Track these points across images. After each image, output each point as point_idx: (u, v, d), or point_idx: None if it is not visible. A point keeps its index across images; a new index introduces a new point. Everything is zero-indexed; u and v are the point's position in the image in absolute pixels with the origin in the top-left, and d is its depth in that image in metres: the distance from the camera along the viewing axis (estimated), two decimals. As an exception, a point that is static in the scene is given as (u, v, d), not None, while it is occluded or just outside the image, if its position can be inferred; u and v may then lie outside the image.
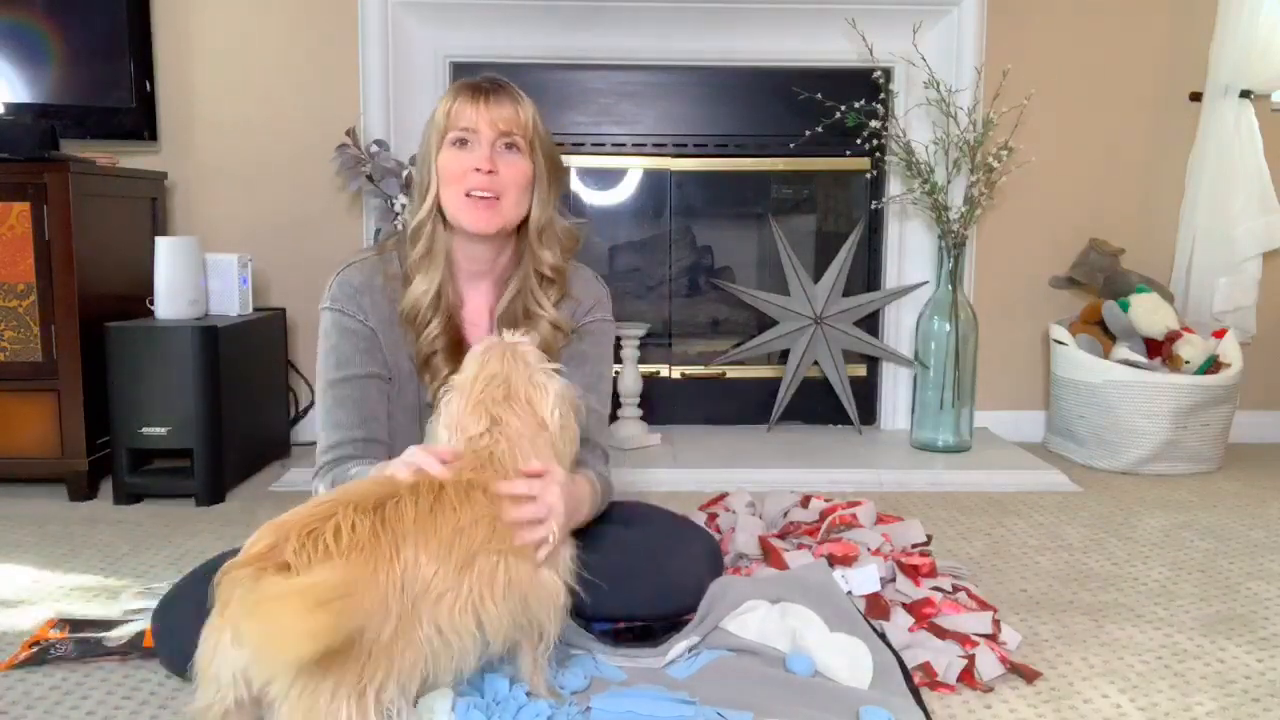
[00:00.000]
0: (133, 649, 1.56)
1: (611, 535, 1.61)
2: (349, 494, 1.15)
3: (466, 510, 1.19)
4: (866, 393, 3.16)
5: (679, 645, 1.51)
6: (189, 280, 2.49)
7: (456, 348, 1.55)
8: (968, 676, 1.48)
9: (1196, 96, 3.01)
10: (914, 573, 1.74)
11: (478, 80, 1.54)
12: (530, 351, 1.35)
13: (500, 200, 1.52)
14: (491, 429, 1.28)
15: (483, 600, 1.17)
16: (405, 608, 1.09)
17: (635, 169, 3.14)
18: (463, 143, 1.52)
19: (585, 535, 1.60)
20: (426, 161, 1.55)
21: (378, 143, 2.80)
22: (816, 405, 3.11)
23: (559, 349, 1.60)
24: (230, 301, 2.60)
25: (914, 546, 1.88)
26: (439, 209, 1.55)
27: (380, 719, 1.06)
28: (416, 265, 1.56)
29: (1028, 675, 1.50)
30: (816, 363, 3.04)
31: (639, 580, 1.57)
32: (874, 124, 2.82)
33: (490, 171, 1.50)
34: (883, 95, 2.85)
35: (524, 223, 1.59)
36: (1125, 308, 2.87)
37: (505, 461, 1.27)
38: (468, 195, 1.51)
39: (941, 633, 1.58)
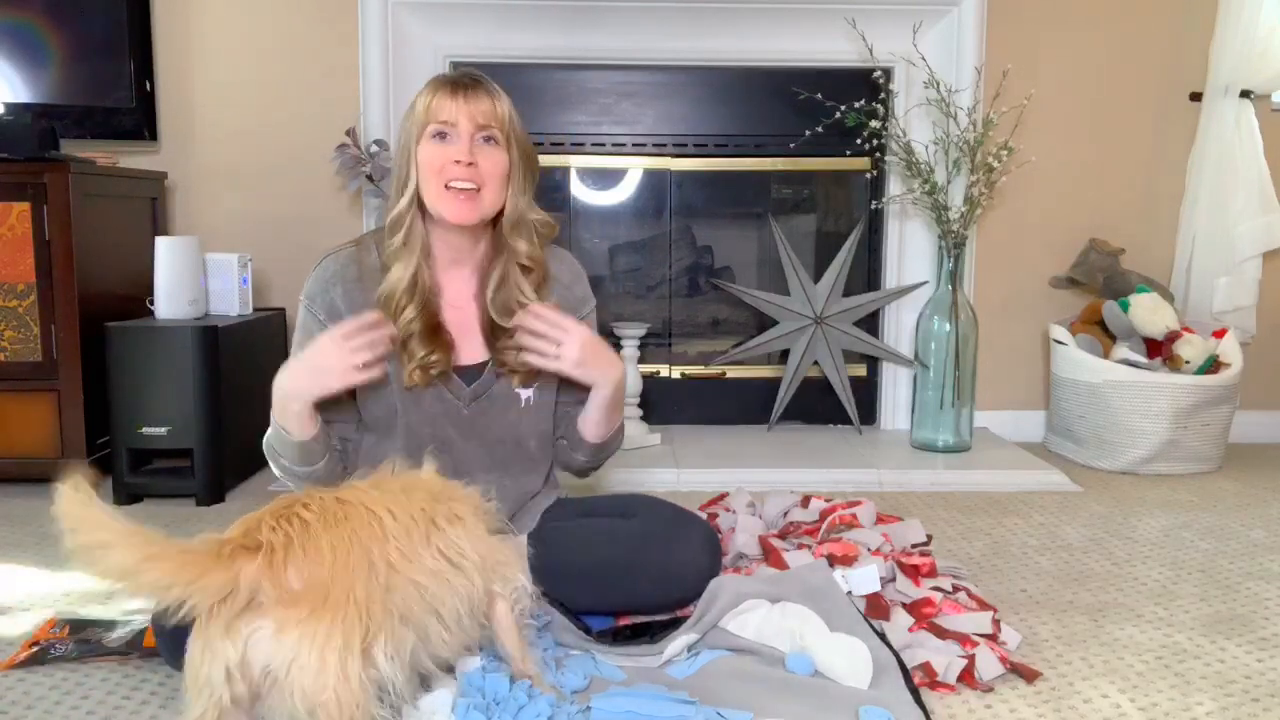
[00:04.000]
0: (133, 649, 1.56)
1: (611, 528, 1.65)
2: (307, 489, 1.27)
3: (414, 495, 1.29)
4: (866, 393, 3.16)
5: (678, 643, 1.51)
6: (189, 280, 2.49)
7: (433, 331, 1.60)
8: (968, 676, 1.48)
9: (1196, 96, 3.01)
10: (914, 573, 1.74)
11: (456, 75, 1.60)
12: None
13: (480, 192, 1.56)
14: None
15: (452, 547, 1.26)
16: (392, 557, 1.18)
17: (635, 169, 3.14)
18: (442, 136, 1.56)
19: (586, 529, 1.65)
20: (406, 153, 1.59)
21: (378, 143, 2.80)
22: (816, 405, 3.11)
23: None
24: (230, 301, 2.60)
25: (914, 546, 1.88)
26: (419, 200, 1.58)
27: (389, 670, 1.11)
28: (395, 255, 1.60)
29: (1028, 675, 1.50)
30: (816, 363, 3.04)
31: (641, 571, 1.60)
32: (874, 124, 2.82)
33: (470, 164, 1.54)
34: (883, 95, 2.85)
35: (500, 213, 1.62)
36: (1125, 308, 2.87)
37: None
38: (447, 187, 1.55)
39: (941, 633, 1.57)
